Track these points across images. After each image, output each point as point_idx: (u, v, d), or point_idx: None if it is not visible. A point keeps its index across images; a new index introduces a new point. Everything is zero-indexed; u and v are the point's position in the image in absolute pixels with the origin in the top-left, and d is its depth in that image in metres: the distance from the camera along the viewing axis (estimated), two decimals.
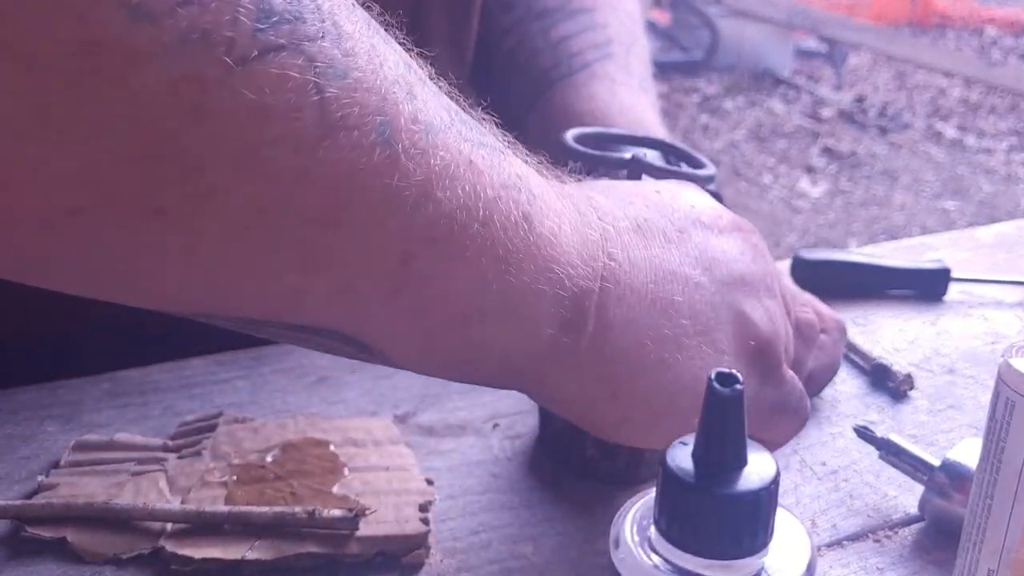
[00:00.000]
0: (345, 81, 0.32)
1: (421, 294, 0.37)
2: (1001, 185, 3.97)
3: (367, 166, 0.33)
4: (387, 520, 0.52)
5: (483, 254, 0.37)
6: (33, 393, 0.62)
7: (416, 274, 0.36)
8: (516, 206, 0.38)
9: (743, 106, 4.61)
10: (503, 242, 0.37)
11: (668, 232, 0.44)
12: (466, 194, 0.36)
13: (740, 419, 0.34)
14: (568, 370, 0.42)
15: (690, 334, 0.43)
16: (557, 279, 0.39)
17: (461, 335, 0.39)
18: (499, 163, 0.38)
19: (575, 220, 0.41)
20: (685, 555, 0.35)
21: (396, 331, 0.38)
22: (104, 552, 0.50)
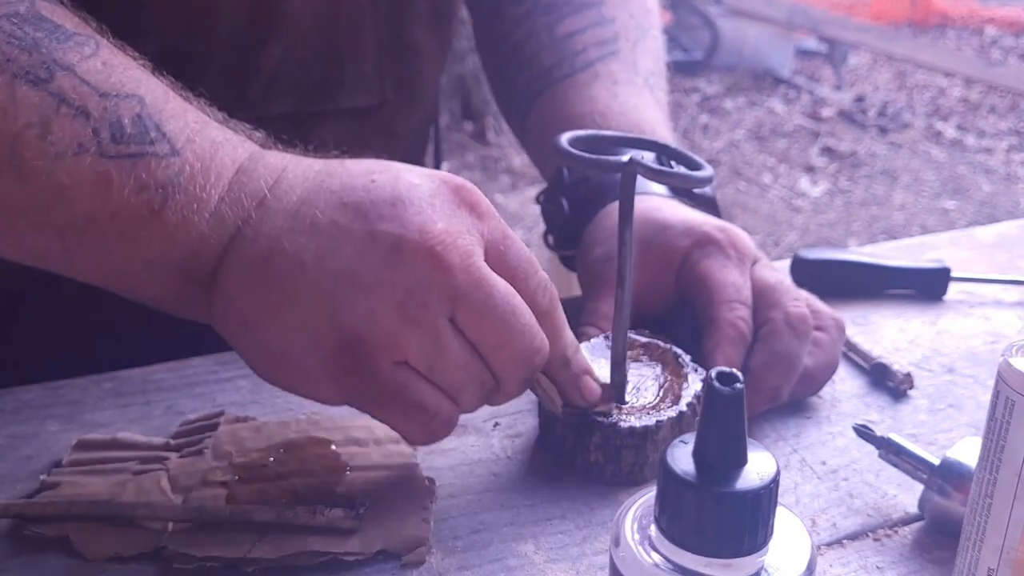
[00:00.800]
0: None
1: (75, 258, 0.50)
2: (1001, 185, 3.97)
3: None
4: (388, 519, 0.53)
5: (114, 237, 0.48)
6: (35, 392, 0.62)
7: (69, 244, 0.48)
8: (147, 205, 0.47)
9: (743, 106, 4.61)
10: (131, 229, 0.48)
11: (317, 221, 0.48)
12: (90, 202, 0.47)
13: (740, 418, 0.34)
14: (201, 310, 0.51)
15: (279, 308, 0.48)
16: (179, 254, 0.49)
17: (118, 287, 0.52)
18: (147, 167, 0.47)
19: (223, 203, 0.49)
20: (685, 553, 0.35)
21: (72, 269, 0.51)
22: (106, 551, 0.50)
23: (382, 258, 0.47)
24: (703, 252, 0.64)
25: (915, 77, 5.04)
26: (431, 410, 0.50)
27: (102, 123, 0.47)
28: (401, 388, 0.49)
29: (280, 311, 0.48)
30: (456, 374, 0.49)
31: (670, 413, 0.58)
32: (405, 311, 0.47)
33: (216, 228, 0.49)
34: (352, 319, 0.47)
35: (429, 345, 0.48)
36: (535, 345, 0.51)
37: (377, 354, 0.48)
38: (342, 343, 0.48)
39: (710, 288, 0.62)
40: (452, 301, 0.48)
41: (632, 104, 0.75)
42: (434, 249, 0.48)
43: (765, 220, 3.52)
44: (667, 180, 0.65)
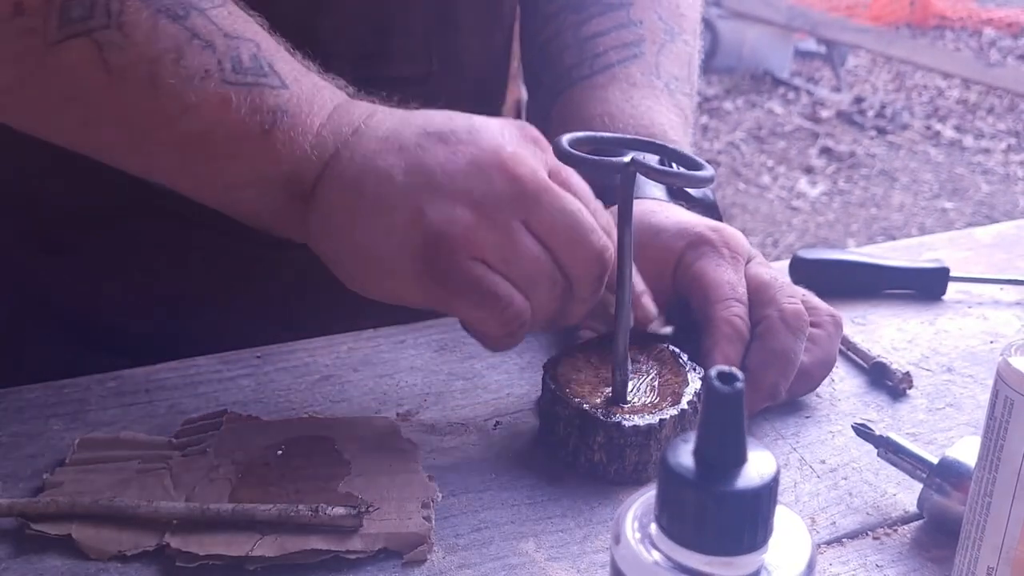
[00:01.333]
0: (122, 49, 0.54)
1: (191, 170, 0.58)
2: (999, 185, 3.98)
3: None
4: (390, 517, 0.53)
5: (228, 152, 0.56)
6: (39, 392, 0.63)
7: (188, 157, 0.57)
8: (259, 125, 0.55)
9: (743, 107, 4.61)
10: (243, 145, 0.56)
11: (405, 144, 0.56)
12: (211, 118, 0.55)
13: (740, 417, 0.35)
14: (297, 224, 0.58)
15: (372, 216, 0.55)
16: (284, 170, 0.56)
17: (224, 201, 0.59)
18: (249, 97, 0.55)
19: (323, 129, 0.57)
20: (686, 551, 0.35)
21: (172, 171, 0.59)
22: (109, 549, 0.51)
23: (461, 170, 0.55)
24: (697, 253, 0.64)
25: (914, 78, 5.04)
26: (503, 298, 0.55)
27: (225, 56, 0.55)
28: (478, 278, 0.55)
29: (373, 218, 0.55)
30: (528, 268, 0.55)
31: (672, 412, 0.58)
32: (481, 212, 0.54)
33: (317, 149, 0.56)
34: (436, 220, 0.54)
35: (503, 242, 0.55)
36: (603, 243, 0.56)
37: (457, 250, 0.54)
38: (427, 242, 0.54)
39: (706, 288, 0.62)
40: (524, 206, 0.55)
41: (646, 107, 0.75)
42: (506, 163, 0.55)
43: (764, 220, 3.52)
44: (668, 180, 0.65)
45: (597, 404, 0.58)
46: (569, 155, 0.59)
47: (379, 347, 0.69)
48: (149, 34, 0.54)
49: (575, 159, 0.59)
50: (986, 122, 4.58)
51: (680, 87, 0.79)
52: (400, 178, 0.55)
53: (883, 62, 5.13)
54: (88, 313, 0.76)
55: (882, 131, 4.42)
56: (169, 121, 0.55)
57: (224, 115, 0.55)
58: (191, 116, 0.55)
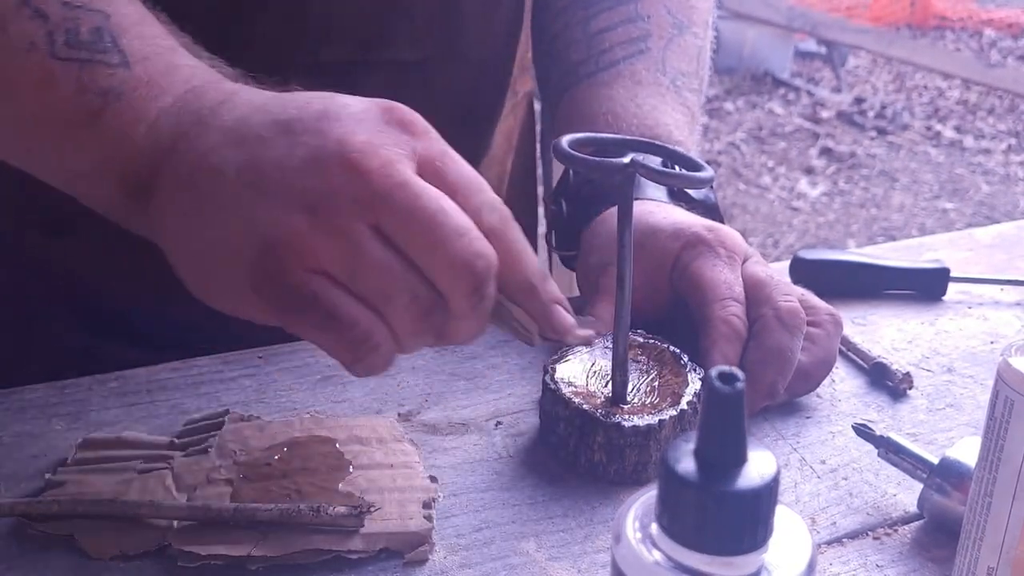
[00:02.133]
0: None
1: (30, 155, 0.53)
2: (999, 186, 3.97)
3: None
4: (391, 517, 0.53)
5: (59, 138, 0.51)
6: (41, 392, 0.63)
7: (24, 141, 0.52)
8: (86, 108, 0.49)
9: (743, 107, 4.61)
10: (72, 131, 0.50)
11: (247, 136, 0.48)
12: (33, 97, 0.50)
13: (740, 417, 0.35)
14: (142, 222, 0.51)
15: (204, 221, 0.48)
16: (117, 161, 0.50)
17: (71, 190, 0.53)
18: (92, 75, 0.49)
19: (162, 117, 0.50)
20: (686, 551, 0.35)
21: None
22: (110, 549, 0.51)
23: (297, 167, 0.47)
24: (693, 253, 0.64)
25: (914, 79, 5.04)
26: (345, 319, 0.47)
27: (59, 28, 0.49)
28: (314, 296, 0.46)
29: (205, 223, 0.48)
30: (377, 281, 0.47)
31: (671, 412, 0.58)
32: (316, 216, 0.46)
33: (152, 140, 0.49)
34: (266, 227, 0.46)
35: (345, 251, 0.46)
36: (475, 248, 0.47)
37: (290, 262, 0.46)
38: (259, 251, 0.46)
39: (702, 287, 0.63)
40: (371, 206, 0.46)
41: (651, 106, 0.74)
42: (350, 157, 0.46)
43: (764, 221, 3.52)
44: (667, 181, 0.65)
45: (597, 404, 0.58)
46: (569, 156, 0.59)
47: None
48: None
49: (575, 160, 0.59)
50: (986, 123, 4.58)
51: (687, 83, 0.78)
52: (232, 177, 0.47)
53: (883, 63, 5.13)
54: (96, 300, 0.76)
55: (882, 132, 4.42)
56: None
57: (46, 93, 0.49)
58: (15, 96, 0.50)
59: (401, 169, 0.47)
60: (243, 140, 0.48)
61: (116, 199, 0.51)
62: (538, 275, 0.51)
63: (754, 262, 0.66)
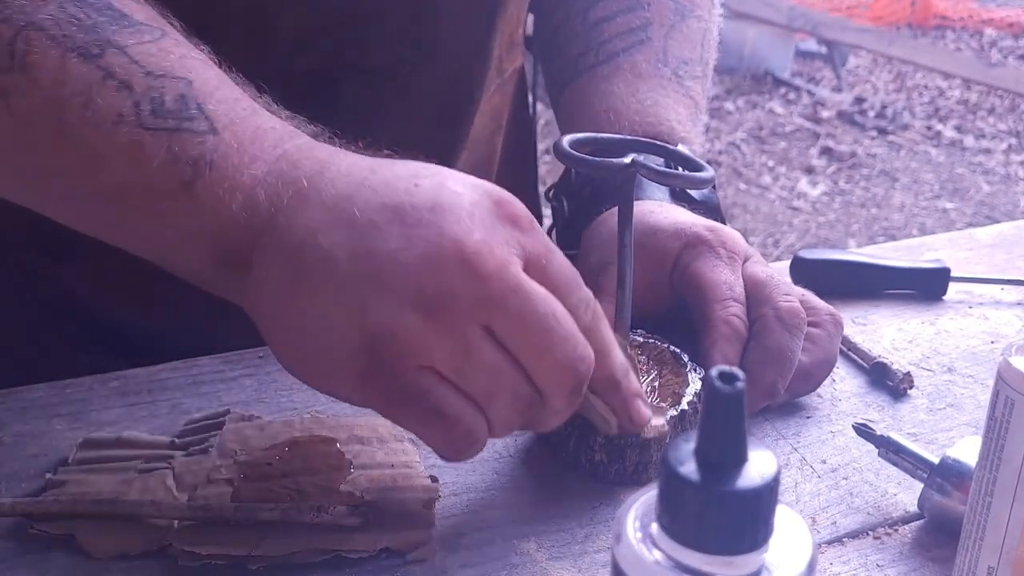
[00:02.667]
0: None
1: (116, 227, 0.53)
2: (1000, 185, 3.97)
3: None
4: (392, 517, 0.53)
5: (147, 208, 0.50)
6: (42, 392, 0.63)
7: (109, 212, 0.51)
8: (177, 177, 0.48)
9: (743, 107, 4.60)
10: (162, 202, 0.49)
11: (355, 219, 0.47)
12: (123, 169, 0.49)
13: (741, 417, 0.35)
14: (235, 292, 0.51)
15: (308, 302, 0.47)
16: (211, 232, 0.49)
17: (157, 259, 0.53)
18: (173, 141, 0.49)
19: (258, 187, 0.49)
20: (687, 551, 0.35)
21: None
22: (111, 548, 0.51)
23: (414, 262, 0.46)
24: (694, 253, 0.64)
25: (914, 78, 5.04)
26: (450, 416, 0.47)
27: (144, 98, 0.48)
28: (423, 393, 0.47)
29: (309, 305, 0.47)
30: (485, 381, 0.47)
31: (672, 412, 0.58)
32: (431, 315, 0.46)
33: (249, 210, 0.48)
34: (380, 321, 0.46)
35: (456, 350, 0.46)
36: (579, 352, 0.49)
37: (402, 357, 0.46)
38: (367, 343, 0.46)
39: (703, 288, 0.63)
40: (486, 309, 0.47)
41: (652, 101, 0.74)
42: (468, 257, 0.46)
43: (765, 221, 3.52)
44: (668, 181, 0.65)
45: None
46: (570, 156, 0.59)
47: None
48: (56, 76, 0.48)
49: (576, 160, 0.59)
50: (987, 122, 4.58)
51: (691, 71, 0.77)
52: (344, 265, 0.46)
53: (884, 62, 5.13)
54: (101, 319, 0.76)
55: (883, 131, 4.42)
56: (80, 173, 0.50)
57: (137, 166, 0.48)
58: (101, 167, 0.49)
59: (515, 272, 0.47)
60: (352, 223, 0.47)
61: (209, 270, 0.51)
62: (621, 370, 0.52)
63: (754, 262, 0.66)
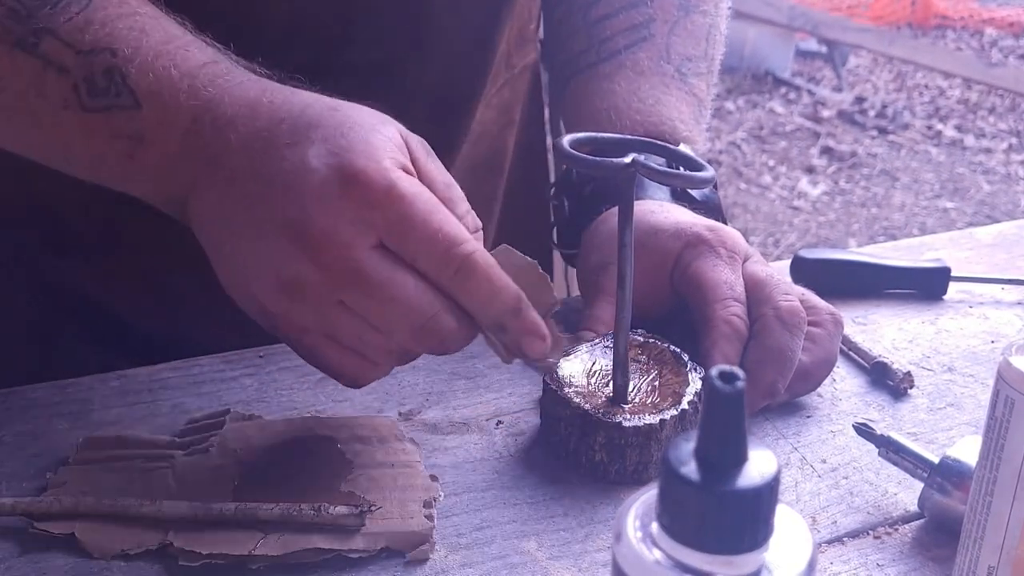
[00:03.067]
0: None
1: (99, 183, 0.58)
2: (1000, 185, 3.97)
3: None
4: (392, 516, 0.53)
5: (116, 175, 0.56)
6: (43, 391, 0.63)
7: (92, 176, 0.57)
8: (124, 151, 0.54)
9: (744, 107, 4.60)
10: (121, 170, 0.55)
11: (236, 196, 0.53)
12: (82, 147, 0.55)
13: (741, 416, 0.35)
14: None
15: (218, 259, 0.55)
16: (162, 191, 0.56)
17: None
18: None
19: (184, 163, 0.54)
20: (687, 550, 0.35)
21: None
22: (112, 548, 0.51)
23: (273, 252, 0.52)
24: (694, 253, 0.64)
25: (915, 78, 5.04)
26: (335, 368, 0.55)
27: (80, 79, 0.53)
28: (308, 348, 0.54)
29: (222, 265, 0.54)
30: (355, 341, 0.53)
31: (672, 412, 0.58)
32: (293, 297, 0.52)
33: (178, 176, 0.55)
34: (257, 295, 0.53)
35: (318, 323, 0.53)
36: (428, 326, 0.53)
37: (280, 327, 0.54)
38: (258, 311, 0.54)
39: (703, 288, 0.63)
40: (334, 290, 0.52)
41: (654, 99, 0.73)
42: (310, 249, 0.51)
43: (765, 220, 3.52)
44: (668, 181, 0.65)
45: (598, 404, 0.58)
46: (570, 156, 0.59)
47: None
48: (11, 71, 0.54)
49: (576, 160, 0.59)
50: (987, 122, 4.58)
51: (694, 67, 0.77)
52: (230, 246, 0.54)
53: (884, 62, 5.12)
54: (106, 316, 0.76)
55: (883, 131, 4.42)
56: (56, 150, 0.57)
57: (91, 143, 0.55)
58: (69, 146, 0.56)
59: (355, 255, 0.51)
60: (235, 202, 0.53)
61: (171, 209, 0.57)
62: (506, 314, 0.54)
63: (754, 261, 0.65)
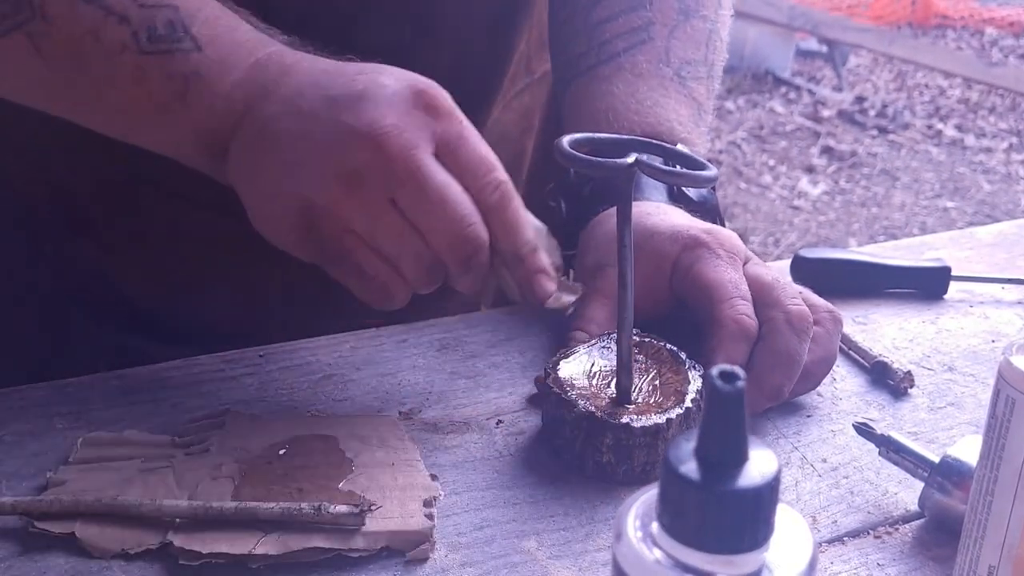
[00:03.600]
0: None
1: (132, 133, 0.63)
2: (1001, 184, 3.97)
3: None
4: (392, 516, 0.53)
5: (155, 116, 0.60)
6: (43, 390, 0.63)
7: (126, 121, 0.62)
8: (174, 90, 0.58)
9: (744, 106, 4.60)
10: (166, 111, 0.59)
11: (303, 109, 0.58)
12: (131, 89, 0.59)
13: (741, 416, 0.35)
14: (222, 174, 0.61)
15: (263, 176, 0.59)
16: (203, 129, 0.60)
17: (169, 155, 0.63)
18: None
19: (235, 90, 0.59)
20: (687, 550, 0.35)
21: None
22: (112, 547, 0.51)
23: (337, 142, 0.56)
24: (693, 256, 0.64)
25: (915, 78, 5.04)
26: (368, 273, 0.59)
27: (140, 28, 0.58)
28: (348, 251, 0.58)
29: (264, 179, 0.59)
30: (393, 244, 0.58)
31: (677, 410, 0.58)
32: (348, 187, 0.56)
33: (228, 109, 0.59)
34: (306, 188, 0.57)
35: (368, 217, 0.57)
36: (467, 233, 0.57)
37: (327, 220, 0.57)
38: (302, 208, 0.58)
39: (708, 288, 0.62)
40: (390, 184, 0.56)
41: (652, 101, 0.74)
42: (378, 139, 0.56)
43: (765, 220, 3.52)
44: (672, 180, 0.65)
45: (602, 406, 0.58)
46: (571, 156, 0.59)
47: (381, 346, 0.69)
48: (68, 19, 0.57)
49: (577, 160, 0.59)
50: (987, 121, 4.58)
51: (693, 71, 0.77)
52: (288, 145, 0.57)
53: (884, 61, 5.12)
54: (123, 297, 0.77)
55: (883, 130, 4.42)
56: (99, 95, 0.60)
57: (141, 85, 0.58)
58: (114, 89, 0.59)
59: (417, 155, 0.56)
60: (298, 112, 0.58)
61: (203, 159, 0.61)
62: (526, 248, 0.60)
63: (755, 263, 0.65)
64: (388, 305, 0.60)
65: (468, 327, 0.71)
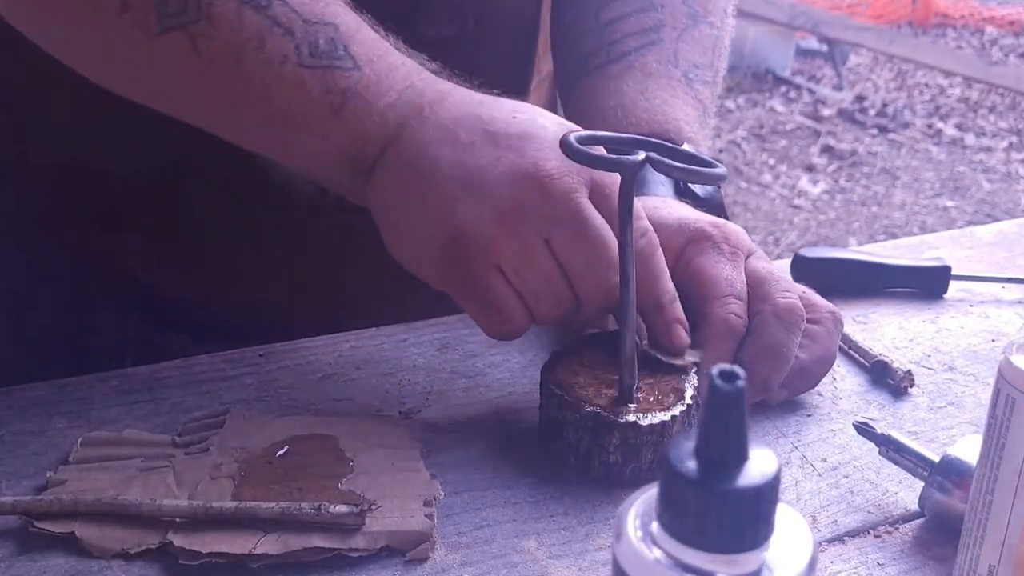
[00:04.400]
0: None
1: (276, 144, 0.64)
2: (1001, 183, 3.97)
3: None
4: (392, 515, 0.53)
5: (305, 129, 0.61)
6: (43, 390, 0.63)
7: (273, 133, 0.62)
8: (330, 104, 0.59)
9: (744, 105, 4.60)
10: (317, 124, 0.60)
11: (460, 139, 0.59)
12: (288, 98, 0.59)
13: (741, 415, 0.35)
14: (359, 194, 0.62)
15: (413, 199, 0.59)
16: (352, 146, 0.61)
17: (305, 169, 0.65)
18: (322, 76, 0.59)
19: (389, 111, 0.60)
20: (687, 549, 0.35)
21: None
22: (112, 547, 0.51)
23: (498, 176, 0.57)
24: (697, 248, 0.64)
25: (915, 77, 5.04)
26: (505, 313, 0.59)
27: (303, 42, 0.59)
28: (488, 287, 0.58)
29: (412, 202, 0.59)
30: (537, 285, 0.58)
31: (680, 407, 0.58)
32: (506, 222, 0.57)
33: (381, 128, 0.60)
34: (463, 219, 0.57)
35: (520, 254, 0.57)
36: (617, 280, 0.58)
37: (475, 252, 0.58)
38: (451, 237, 0.58)
39: (703, 284, 0.63)
40: (549, 224, 0.57)
41: (660, 100, 0.74)
42: (542, 180, 0.57)
43: (765, 219, 3.52)
44: (684, 176, 0.65)
45: (605, 406, 0.58)
46: (581, 153, 0.59)
47: (381, 346, 0.69)
48: (234, 24, 0.58)
49: (587, 157, 0.59)
50: (988, 120, 4.58)
51: (700, 75, 0.77)
52: (444, 172, 0.58)
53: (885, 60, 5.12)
54: (150, 291, 0.77)
55: (883, 129, 4.42)
56: (252, 102, 0.60)
57: (299, 96, 0.59)
58: (270, 97, 0.60)
59: (578, 199, 0.58)
60: (456, 141, 0.59)
61: (344, 176, 0.62)
62: (667, 297, 0.61)
63: (757, 258, 0.65)
64: (506, 337, 0.61)
65: (468, 327, 0.70)
